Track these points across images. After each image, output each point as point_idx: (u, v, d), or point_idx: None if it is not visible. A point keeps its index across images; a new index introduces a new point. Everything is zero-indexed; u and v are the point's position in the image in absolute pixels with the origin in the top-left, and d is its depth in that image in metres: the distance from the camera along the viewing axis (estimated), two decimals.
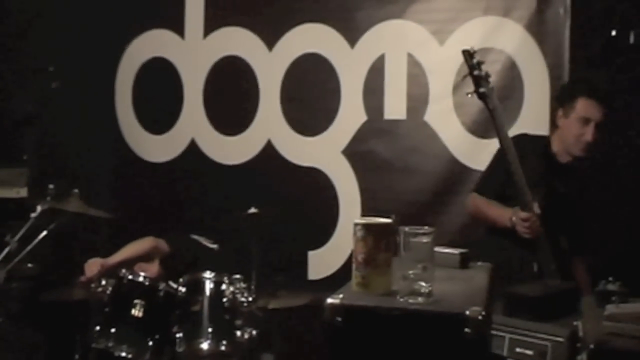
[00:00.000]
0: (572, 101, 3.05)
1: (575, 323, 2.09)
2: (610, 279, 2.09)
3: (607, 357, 1.63)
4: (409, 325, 1.71)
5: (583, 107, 3.02)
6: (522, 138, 3.26)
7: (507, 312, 2.53)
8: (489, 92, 2.98)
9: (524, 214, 2.94)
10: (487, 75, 3.01)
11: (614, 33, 3.65)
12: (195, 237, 3.81)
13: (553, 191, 3.09)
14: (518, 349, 2.42)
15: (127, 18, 4.52)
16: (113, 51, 4.57)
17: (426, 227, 1.79)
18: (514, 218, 2.98)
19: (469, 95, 3.04)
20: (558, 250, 3.03)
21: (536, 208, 2.96)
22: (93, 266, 3.36)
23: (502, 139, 2.97)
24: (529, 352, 2.39)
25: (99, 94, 4.58)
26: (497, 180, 3.10)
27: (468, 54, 3.00)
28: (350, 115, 4.10)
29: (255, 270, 3.37)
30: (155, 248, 3.60)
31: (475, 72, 2.97)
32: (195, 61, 4.43)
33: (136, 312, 3.11)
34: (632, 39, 3.63)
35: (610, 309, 1.82)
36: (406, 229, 1.78)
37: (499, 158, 3.12)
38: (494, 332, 2.43)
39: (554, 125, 3.18)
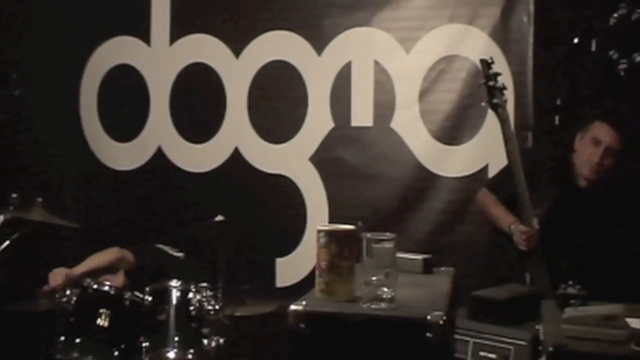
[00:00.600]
0: (589, 124, 3.14)
1: (537, 327, 2.11)
2: (571, 282, 2.13)
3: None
4: (372, 331, 1.73)
5: (596, 129, 3.10)
6: (544, 150, 3.31)
7: (472, 316, 2.56)
8: (502, 104, 2.99)
9: (522, 227, 2.98)
10: (503, 87, 3.02)
11: (576, 41, 3.72)
12: (161, 246, 3.78)
13: (565, 214, 3.12)
14: (482, 353, 2.46)
15: (92, 24, 4.45)
16: (78, 58, 4.50)
17: (388, 233, 1.81)
18: (512, 226, 3.02)
19: (483, 104, 3.05)
20: (556, 269, 3.05)
21: (535, 224, 2.99)
22: (57, 276, 3.31)
23: (510, 150, 2.99)
24: (492, 356, 2.42)
25: (63, 101, 4.50)
26: (508, 185, 3.10)
27: (485, 64, 3.00)
28: (318, 122, 4.11)
29: (222, 278, 3.36)
30: (121, 259, 3.56)
31: (490, 83, 2.99)
32: (162, 68, 4.39)
33: (101, 321, 3.07)
34: (594, 47, 3.70)
35: (569, 312, 1.85)
36: (368, 235, 1.79)
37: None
38: (458, 336, 2.46)
39: (572, 148, 3.23)
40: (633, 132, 3.39)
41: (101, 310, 3.07)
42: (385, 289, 1.76)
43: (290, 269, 4.10)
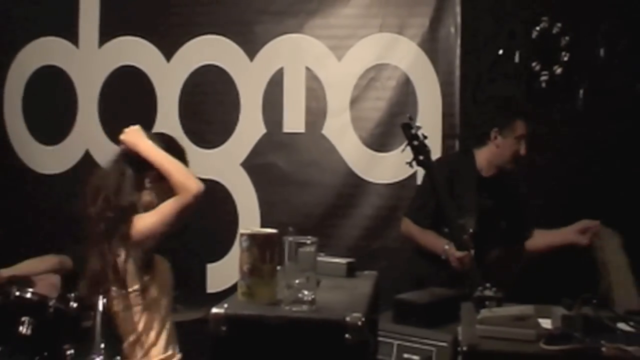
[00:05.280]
0: (511, 123, 3.26)
1: (458, 328, 2.17)
2: (488, 285, 2.20)
3: (478, 359, 1.72)
4: (292, 333, 1.75)
5: (520, 127, 3.25)
6: (445, 160, 3.40)
7: (396, 319, 2.61)
8: (428, 159, 3.04)
9: (459, 254, 3.01)
10: (425, 137, 3.06)
11: (500, 52, 3.84)
12: None
13: (479, 207, 3.20)
14: (405, 355, 2.50)
15: (18, 24, 4.37)
16: (1, 58, 4.40)
17: (310, 237, 1.83)
18: (446, 246, 3.05)
19: (410, 166, 3.07)
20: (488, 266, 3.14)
21: (470, 244, 3.03)
22: None
23: (441, 197, 3.04)
24: (416, 358, 2.47)
25: None
26: (429, 210, 3.20)
27: (407, 127, 3.07)
28: (250, 128, 4.12)
29: None
30: (59, 269, 3.49)
31: (415, 142, 3.04)
32: (90, 70, 4.31)
33: (24, 329, 3.00)
34: (517, 58, 3.83)
35: (483, 313, 1.91)
36: (290, 239, 1.82)
37: (427, 186, 3.21)
38: (382, 339, 2.50)
39: (481, 142, 3.33)
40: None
41: (23, 318, 3.00)
42: (306, 292, 1.78)
43: (221, 274, 4.08)
